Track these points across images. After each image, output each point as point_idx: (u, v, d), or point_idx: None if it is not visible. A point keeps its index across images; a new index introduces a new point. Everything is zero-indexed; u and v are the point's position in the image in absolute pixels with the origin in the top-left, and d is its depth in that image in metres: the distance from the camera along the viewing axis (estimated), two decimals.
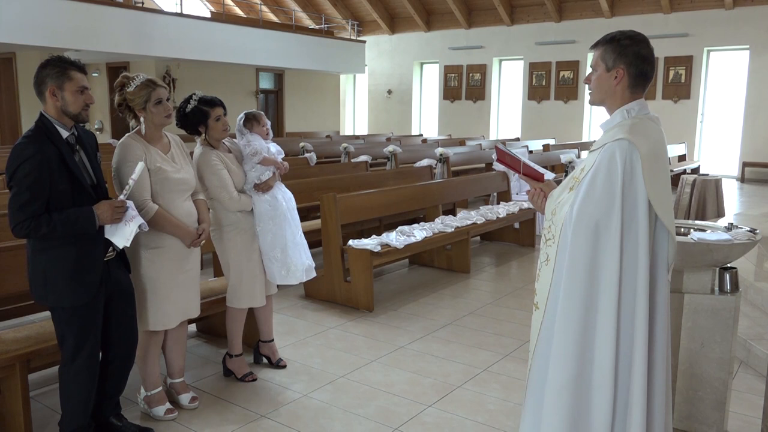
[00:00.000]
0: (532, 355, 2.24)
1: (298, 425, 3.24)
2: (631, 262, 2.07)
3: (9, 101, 15.07)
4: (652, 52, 2.17)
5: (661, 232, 2.15)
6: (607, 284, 2.06)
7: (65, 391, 2.80)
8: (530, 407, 2.25)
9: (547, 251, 2.20)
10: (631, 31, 2.18)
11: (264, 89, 19.34)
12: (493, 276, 6.27)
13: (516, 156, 2.39)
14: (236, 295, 3.69)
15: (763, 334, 4.13)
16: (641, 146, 2.06)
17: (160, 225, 3.07)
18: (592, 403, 2.10)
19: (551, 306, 2.16)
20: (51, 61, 2.65)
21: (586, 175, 2.11)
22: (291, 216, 3.73)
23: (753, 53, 15.04)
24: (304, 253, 3.77)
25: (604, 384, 2.07)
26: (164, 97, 3.13)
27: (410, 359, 4.09)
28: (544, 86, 18.19)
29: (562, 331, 2.11)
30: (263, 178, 3.65)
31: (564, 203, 2.17)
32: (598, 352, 2.08)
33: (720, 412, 2.98)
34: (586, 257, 2.07)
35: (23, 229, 2.56)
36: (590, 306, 2.08)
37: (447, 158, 10.29)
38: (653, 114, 2.20)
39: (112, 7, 13.38)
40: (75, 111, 2.67)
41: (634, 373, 2.07)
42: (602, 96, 2.22)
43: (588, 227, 2.06)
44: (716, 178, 8.52)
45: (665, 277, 2.17)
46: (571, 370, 2.10)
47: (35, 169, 2.53)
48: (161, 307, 3.18)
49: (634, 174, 2.05)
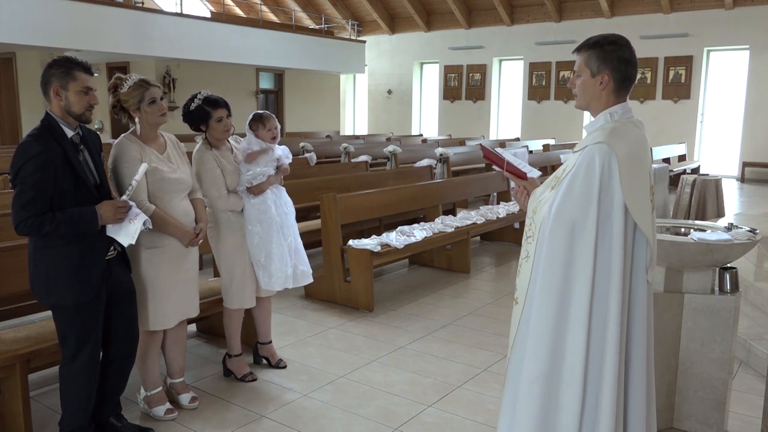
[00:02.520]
0: (511, 349, 2.29)
1: (298, 425, 3.24)
2: (605, 263, 2.11)
3: (9, 101, 15.06)
4: (635, 54, 2.21)
5: (639, 234, 2.18)
6: (580, 283, 2.10)
7: (66, 390, 2.81)
8: (507, 400, 2.31)
9: (528, 248, 2.25)
10: (613, 35, 2.21)
11: (264, 89, 19.33)
12: (493, 276, 6.27)
13: (499, 154, 2.45)
14: (228, 296, 3.70)
15: (763, 334, 4.13)
16: (620, 151, 2.09)
17: (158, 225, 3.06)
18: (561, 398, 2.15)
19: (530, 301, 2.21)
20: (58, 61, 2.67)
21: (566, 175, 2.16)
22: (284, 222, 3.68)
23: (753, 53, 15.04)
24: (295, 260, 3.72)
25: (573, 379, 2.12)
26: (158, 96, 3.13)
27: (410, 359, 4.09)
28: (544, 86, 18.19)
29: (537, 326, 2.16)
30: (255, 182, 3.63)
31: (545, 202, 2.21)
32: (569, 348, 2.13)
33: (720, 412, 2.99)
34: (562, 256, 2.12)
35: (26, 227, 2.57)
36: (564, 303, 2.13)
37: (447, 158, 10.29)
38: (637, 118, 2.23)
39: (112, 7, 13.38)
40: (78, 111, 2.68)
41: (606, 370, 2.11)
42: (588, 101, 2.25)
43: (565, 227, 2.11)
44: (716, 178, 8.51)
45: (644, 278, 2.20)
46: (543, 364, 2.15)
47: (40, 167, 2.55)
48: (160, 306, 3.18)
49: (612, 178, 2.09)
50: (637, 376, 2.21)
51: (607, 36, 2.20)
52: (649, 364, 2.26)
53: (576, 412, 2.12)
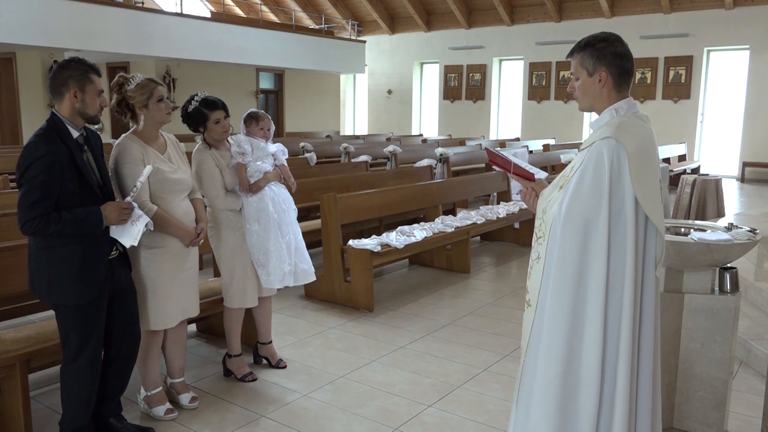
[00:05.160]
0: (525, 352, 2.26)
1: (298, 425, 3.24)
2: (619, 260, 2.09)
3: (9, 101, 15.05)
4: (628, 48, 2.20)
5: (649, 229, 2.17)
6: (595, 281, 2.09)
7: (66, 390, 2.81)
8: (521, 402, 2.28)
9: (538, 249, 2.23)
10: (602, 33, 2.22)
11: (264, 89, 19.33)
12: (493, 276, 6.27)
13: (506, 157, 2.44)
14: (228, 295, 3.70)
15: (763, 334, 4.13)
16: (628, 145, 2.08)
17: (160, 225, 3.07)
18: (579, 398, 2.13)
19: (542, 303, 2.19)
20: (72, 63, 2.69)
21: (575, 173, 2.14)
22: (282, 220, 3.68)
23: (753, 53, 15.04)
24: (295, 258, 3.72)
25: (591, 379, 2.10)
26: (165, 95, 3.17)
27: (410, 359, 4.09)
28: (544, 86, 18.19)
29: (551, 327, 2.14)
30: (252, 180, 3.63)
31: (554, 201, 2.19)
32: (585, 348, 2.11)
33: (720, 412, 2.98)
34: (575, 254, 2.10)
35: (32, 227, 2.57)
36: (578, 302, 2.11)
37: (447, 158, 10.30)
38: (642, 112, 2.22)
39: (112, 7, 13.38)
40: (93, 113, 2.73)
41: (620, 368, 2.10)
42: (590, 101, 2.25)
43: (576, 225, 2.09)
44: (716, 178, 8.51)
45: (653, 275, 2.19)
46: (559, 365, 2.13)
47: (47, 168, 2.56)
48: (161, 306, 3.18)
49: (621, 172, 2.08)
50: (646, 373, 2.19)
51: (597, 35, 2.21)
52: (655, 361, 2.24)
53: (593, 412, 2.10)
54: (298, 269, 3.75)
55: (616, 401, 2.11)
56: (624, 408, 2.10)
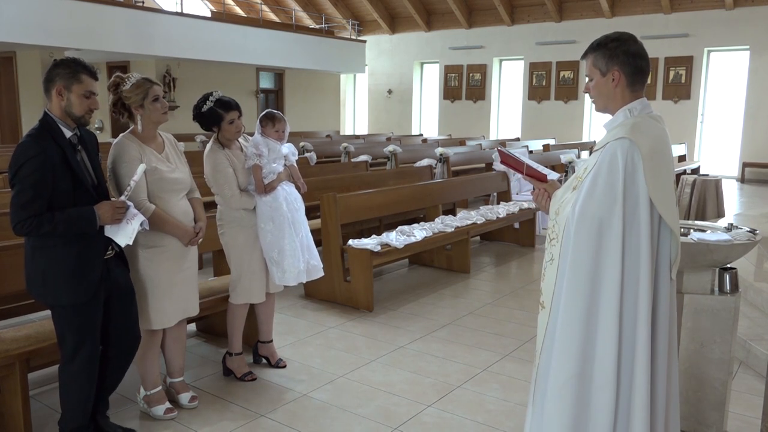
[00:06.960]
0: (539, 354, 2.24)
1: (297, 425, 3.24)
2: (634, 261, 2.07)
3: (9, 101, 15.07)
4: (642, 47, 2.19)
5: (664, 230, 2.15)
6: (609, 282, 2.06)
7: (65, 390, 2.81)
8: (536, 404, 2.26)
9: (552, 251, 2.21)
10: (615, 33, 2.20)
11: (264, 89, 19.32)
12: (493, 276, 6.27)
13: (518, 158, 2.42)
14: (235, 291, 3.71)
15: (763, 335, 4.12)
16: (642, 145, 2.06)
17: (158, 225, 3.07)
18: (593, 401, 2.11)
19: (556, 305, 2.17)
20: (65, 61, 2.67)
21: (588, 174, 2.12)
22: (294, 218, 3.72)
23: (753, 53, 15.04)
24: (306, 255, 3.76)
25: (606, 381, 2.08)
26: (161, 94, 3.16)
27: (410, 359, 4.09)
28: (544, 86, 18.19)
29: (565, 328, 2.12)
30: (265, 180, 3.65)
31: (567, 203, 2.18)
32: (599, 350, 2.09)
33: (720, 413, 2.98)
34: (589, 255, 2.08)
35: (25, 228, 2.56)
36: (593, 304, 2.09)
37: (447, 158, 10.29)
38: (656, 113, 2.21)
39: (112, 6, 13.37)
40: (78, 114, 2.68)
41: (637, 371, 2.07)
42: (605, 101, 2.23)
43: (590, 226, 2.07)
44: (716, 178, 8.52)
45: (668, 276, 2.17)
46: (573, 366, 2.11)
47: (39, 168, 2.54)
48: (160, 306, 3.18)
49: (636, 173, 2.06)
50: (661, 375, 2.17)
51: (609, 35, 2.20)
52: (671, 363, 2.22)
53: (610, 414, 2.08)
54: (309, 265, 3.79)
55: (633, 406, 2.08)
56: (643, 413, 2.06)
